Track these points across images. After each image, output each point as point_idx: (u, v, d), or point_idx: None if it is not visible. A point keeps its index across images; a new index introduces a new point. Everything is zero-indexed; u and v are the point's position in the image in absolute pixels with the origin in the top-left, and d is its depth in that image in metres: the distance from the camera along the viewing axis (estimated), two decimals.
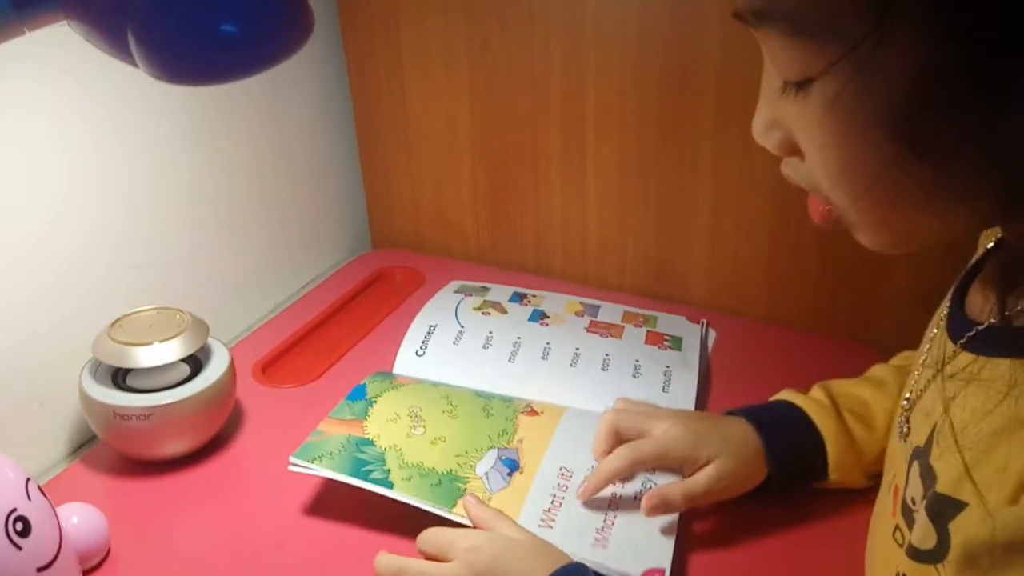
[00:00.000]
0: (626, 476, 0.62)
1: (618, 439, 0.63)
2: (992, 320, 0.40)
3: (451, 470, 0.63)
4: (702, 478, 0.59)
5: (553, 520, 0.59)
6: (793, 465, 0.61)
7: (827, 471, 0.61)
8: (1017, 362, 0.37)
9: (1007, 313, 0.38)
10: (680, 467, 0.62)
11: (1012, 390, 0.36)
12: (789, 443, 0.61)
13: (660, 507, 0.58)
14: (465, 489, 0.61)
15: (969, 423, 0.38)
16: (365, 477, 0.61)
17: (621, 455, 0.61)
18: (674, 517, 0.60)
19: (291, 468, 0.62)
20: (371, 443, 0.65)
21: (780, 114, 0.40)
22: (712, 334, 0.86)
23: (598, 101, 0.87)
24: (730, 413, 0.65)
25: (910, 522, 0.42)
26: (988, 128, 0.34)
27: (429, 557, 0.57)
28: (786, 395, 0.65)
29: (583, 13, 0.83)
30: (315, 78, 0.96)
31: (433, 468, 0.63)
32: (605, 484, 0.61)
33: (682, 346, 0.81)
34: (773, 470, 0.61)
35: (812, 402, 0.63)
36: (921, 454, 0.42)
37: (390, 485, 0.61)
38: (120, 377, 0.68)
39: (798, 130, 0.39)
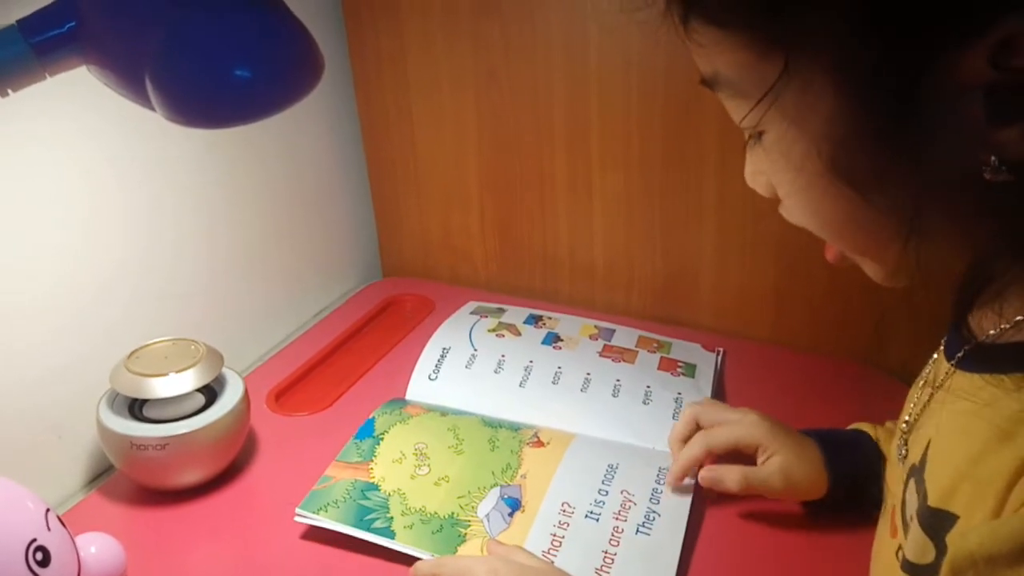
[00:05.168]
0: (704, 461, 0.64)
1: (695, 427, 0.67)
2: (980, 338, 0.41)
3: (453, 513, 0.64)
4: (764, 468, 0.61)
5: (552, 560, 0.60)
6: (854, 482, 0.61)
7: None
8: (999, 377, 0.38)
9: (989, 333, 0.39)
10: (751, 454, 0.63)
11: (995, 404, 0.37)
12: (851, 460, 0.62)
13: (713, 480, 0.62)
14: (465, 534, 0.62)
15: (959, 438, 0.39)
16: (368, 527, 0.63)
17: (697, 442, 0.64)
18: (675, 554, 0.60)
19: (297, 519, 0.64)
20: (376, 487, 0.66)
21: (755, 163, 0.43)
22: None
23: (602, 128, 0.88)
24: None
25: (906, 538, 0.43)
26: (915, 157, 0.35)
27: None
28: (857, 425, 0.66)
29: (586, 42, 0.85)
30: (326, 109, 0.98)
31: (435, 513, 0.64)
32: (687, 471, 0.64)
33: (695, 373, 0.81)
34: (832, 483, 0.61)
35: (880, 428, 0.64)
36: (916, 471, 0.43)
37: (392, 535, 0.62)
38: (137, 408, 0.69)
39: (770, 176, 0.42)
